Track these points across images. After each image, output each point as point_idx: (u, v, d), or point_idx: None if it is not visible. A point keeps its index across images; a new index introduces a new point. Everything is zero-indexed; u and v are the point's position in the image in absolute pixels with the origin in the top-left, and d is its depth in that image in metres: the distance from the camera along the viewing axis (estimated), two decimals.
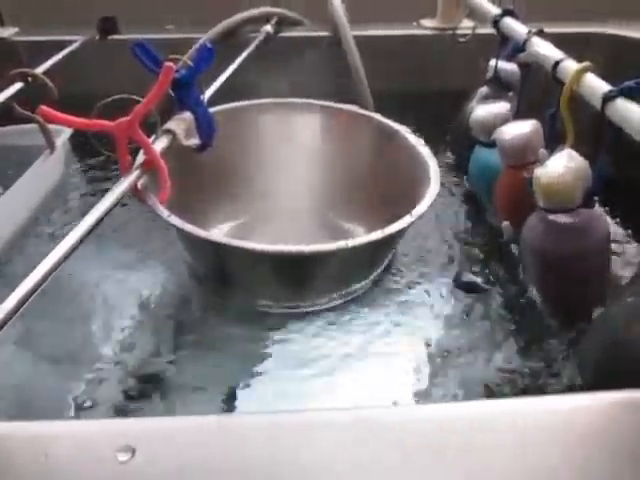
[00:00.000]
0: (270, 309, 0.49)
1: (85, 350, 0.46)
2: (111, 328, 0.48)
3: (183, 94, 0.49)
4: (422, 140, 0.55)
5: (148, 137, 0.44)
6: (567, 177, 0.42)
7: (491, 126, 0.56)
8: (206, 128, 0.51)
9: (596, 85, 0.42)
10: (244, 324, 0.48)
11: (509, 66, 0.62)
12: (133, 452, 0.24)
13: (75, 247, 0.34)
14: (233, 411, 0.41)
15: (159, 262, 0.55)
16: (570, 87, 0.44)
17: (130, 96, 0.42)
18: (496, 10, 0.62)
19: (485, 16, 0.64)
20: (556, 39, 0.52)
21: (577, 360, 0.43)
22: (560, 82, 0.47)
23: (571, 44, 0.50)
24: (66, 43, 0.70)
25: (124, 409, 0.41)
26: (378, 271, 0.52)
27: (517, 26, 0.56)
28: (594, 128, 0.42)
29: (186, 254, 0.53)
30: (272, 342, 0.47)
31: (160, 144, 0.45)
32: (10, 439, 0.25)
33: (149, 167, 0.44)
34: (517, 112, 0.57)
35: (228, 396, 0.42)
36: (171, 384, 0.43)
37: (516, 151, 0.52)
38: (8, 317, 0.28)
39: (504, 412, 0.27)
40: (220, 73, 0.62)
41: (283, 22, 0.81)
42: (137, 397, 0.42)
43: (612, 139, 0.41)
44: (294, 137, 0.61)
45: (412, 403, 0.41)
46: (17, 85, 0.56)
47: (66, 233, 0.34)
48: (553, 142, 0.50)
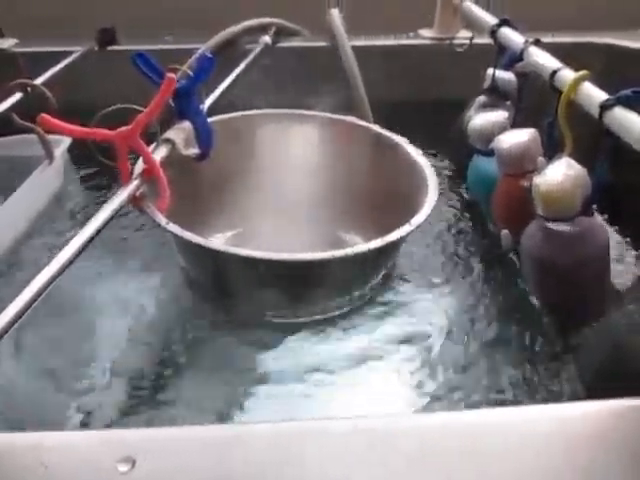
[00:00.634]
0: (269, 319, 0.49)
1: (81, 361, 0.46)
2: (108, 338, 0.48)
3: (183, 104, 0.49)
4: (420, 150, 0.55)
5: (148, 146, 0.44)
6: (566, 185, 0.42)
7: (489, 135, 0.56)
8: (205, 138, 0.51)
9: (593, 94, 0.42)
10: (243, 333, 0.48)
11: (506, 75, 0.63)
12: (133, 463, 0.24)
13: (74, 258, 0.34)
14: (233, 421, 0.41)
15: (156, 271, 0.55)
16: (567, 96, 0.45)
17: (131, 106, 0.42)
18: (493, 20, 0.63)
19: (482, 26, 0.65)
20: (553, 49, 0.52)
21: (578, 366, 0.43)
22: (558, 91, 0.47)
23: (568, 54, 0.50)
24: (65, 54, 0.70)
25: (122, 419, 0.41)
26: (377, 280, 0.52)
27: (514, 36, 0.57)
28: (592, 136, 0.42)
29: (184, 263, 0.53)
30: (272, 352, 0.46)
31: (160, 153, 0.45)
32: (9, 450, 0.24)
33: (148, 176, 0.44)
34: (515, 121, 0.58)
35: (228, 406, 0.42)
36: (170, 394, 0.43)
37: (514, 160, 0.52)
38: (6, 329, 0.28)
39: (504, 420, 0.27)
40: (219, 83, 0.62)
41: (281, 32, 0.81)
42: (136, 407, 0.42)
43: (610, 147, 0.41)
44: (292, 147, 0.61)
45: (413, 412, 0.41)
46: (16, 96, 0.56)
47: (65, 243, 0.34)
48: (551, 150, 0.50)
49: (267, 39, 0.77)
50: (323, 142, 0.61)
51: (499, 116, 0.58)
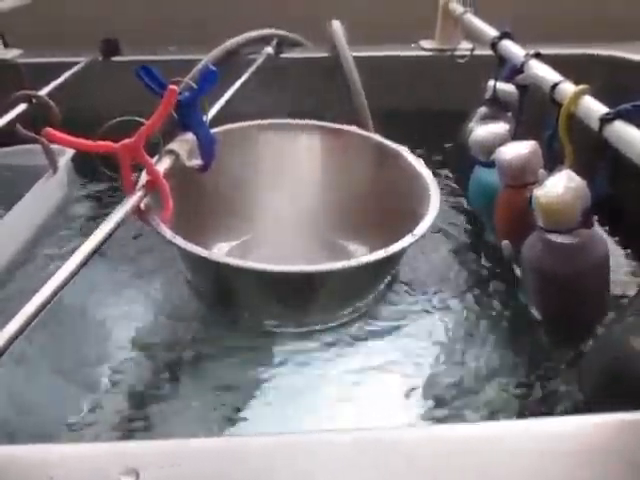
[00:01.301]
0: (273, 329, 0.49)
1: (83, 370, 0.46)
2: (111, 348, 0.48)
3: (186, 115, 0.50)
4: (422, 160, 0.56)
5: (151, 158, 0.45)
6: (566, 197, 0.43)
7: (490, 146, 0.56)
8: (208, 149, 0.52)
9: (593, 107, 0.43)
10: (247, 344, 0.48)
11: (507, 87, 0.63)
12: (137, 475, 0.24)
13: (78, 269, 0.34)
14: (236, 432, 0.41)
15: (160, 281, 0.55)
16: (568, 109, 0.45)
17: (134, 118, 0.43)
18: (494, 32, 0.63)
19: (483, 38, 0.65)
20: (553, 61, 0.53)
21: (578, 377, 0.43)
22: (558, 104, 0.48)
23: (568, 66, 0.51)
24: (69, 65, 0.71)
25: (124, 430, 0.41)
26: (380, 290, 0.53)
27: (515, 48, 0.57)
28: (592, 148, 0.43)
29: (188, 273, 0.53)
30: (275, 362, 0.47)
31: (163, 165, 0.46)
32: (15, 462, 0.24)
33: (152, 187, 0.44)
34: (516, 133, 0.58)
35: (231, 417, 0.42)
36: (172, 404, 0.43)
37: (515, 171, 0.52)
38: (10, 341, 0.28)
39: (501, 434, 0.27)
40: (221, 93, 0.62)
41: (284, 43, 0.82)
42: (137, 418, 0.42)
43: (610, 159, 0.42)
44: (295, 157, 0.61)
45: (416, 423, 0.41)
46: (21, 106, 0.57)
47: (68, 253, 0.35)
48: (552, 163, 0.50)
49: (269, 50, 0.78)
50: (325, 152, 0.61)
51: (500, 128, 0.58)
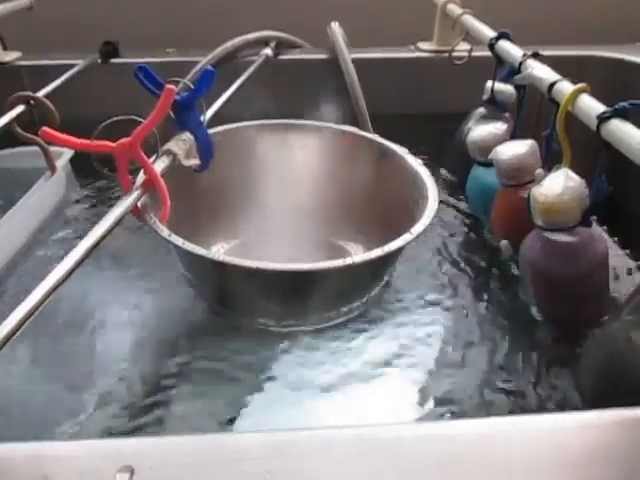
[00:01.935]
0: (270, 328, 0.49)
1: (82, 371, 0.46)
2: (110, 347, 0.48)
3: (183, 116, 0.50)
4: (420, 160, 0.56)
5: (148, 157, 0.45)
6: (564, 196, 0.43)
7: (488, 146, 0.56)
8: (206, 149, 0.52)
9: (591, 106, 0.43)
10: (244, 343, 0.48)
11: (505, 87, 0.63)
12: (132, 472, 0.24)
13: (75, 268, 0.34)
14: (233, 430, 0.41)
15: (158, 281, 0.55)
16: (565, 107, 0.45)
17: (132, 117, 0.43)
18: (492, 33, 0.63)
19: (481, 39, 0.66)
20: (551, 62, 0.53)
21: (576, 377, 0.43)
22: (556, 103, 0.48)
23: (566, 67, 0.51)
24: (68, 67, 0.71)
25: (122, 430, 0.41)
26: (377, 289, 0.52)
27: (512, 49, 0.58)
28: (590, 147, 0.43)
29: (186, 273, 0.53)
30: (271, 361, 0.46)
31: (160, 164, 0.46)
32: (9, 460, 0.24)
33: (149, 187, 0.44)
34: (514, 132, 0.58)
35: (228, 415, 0.42)
36: (170, 404, 0.43)
37: (513, 171, 0.52)
38: (6, 339, 0.28)
39: (502, 430, 0.27)
40: (220, 94, 0.62)
41: (282, 45, 0.82)
42: (136, 417, 0.42)
43: (609, 158, 0.42)
44: (293, 157, 0.61)
45: (412, 421, 0.41)
46: (19, 108, 0.57)
47: (65, 255, 0.35)
48: (550, 162, 0.50)
49: (268, 51, 0.78)
50: (324, 152, 0.61)
51: (498, 128, 0.59)
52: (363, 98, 0.71)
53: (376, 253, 0.43)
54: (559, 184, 0.43)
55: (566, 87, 0.46)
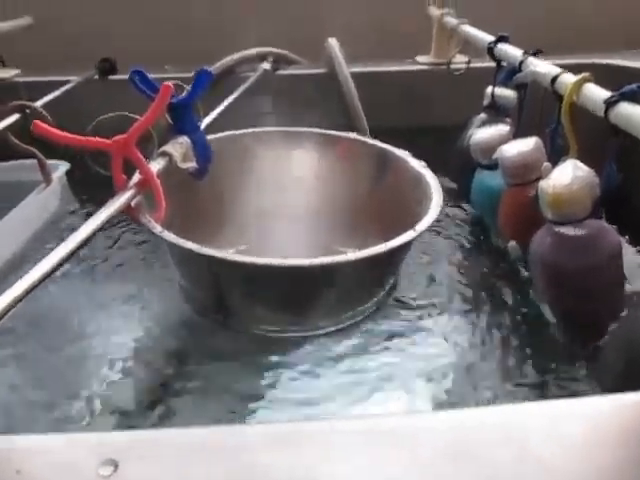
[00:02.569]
0: (270, 334, 0.47)
1: (78, 381, 0.44)
2: (107, 357, 0.46)
3: (180, 119, 0.49)
4: (423, 162, 0.55)
5: (145, 158, 0.43)
6: (574, 186, 0.41)
7: (492, 147, 0.55)
8: (203, 153, 0.50)
9: (596, 92, 0.42)
10: (242, 351, 0.46)
11: (505, 92, 0.62)
12: (116, 466, 0.22)
13: (66, 259, 0.32)
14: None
15: (155, 292, 0.53)
16: (570, 97, 0.44)
17: (128, 114, 0.42)
18: (490, 38, 0.63)
19: (480, 45, 0.65)
20: None
21: (595, 376, 0.40)
22: (559, 96, 0.47)
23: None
24: (65, 83, 0.71)
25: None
26: (381, 294, 0.50)
27: (512, 49, 0.57)
28: (598, 139, 0.42)
29: (181, 278, 0.51)
30: (271, 368, 0.44)
31: (156, 165, 0.45)
32: None
33: (144, 187, 0.43)
34: (516, 134, 0.57)
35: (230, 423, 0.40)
36: (168, 413, 0.40)
37: (518, 169, 0.51)
38: None
39: (514, 419, 0.25)
40: (216, 106, 0.62)
41: (280, 61, 0.82)
42: (133, 426, 0.40)
43: (618, 147, 0.40)
44: (295, 165, 0.60)
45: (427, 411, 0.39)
46: (14, 116, 0.56)
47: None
48: (556, 158, 0.49)
49: (266, 66, 0.78)
50: (325, 158, 0.60)
51: (501, 129, 0.57)
52: (361, 107, 0.71)
53: (379, 249, 0.41)
54: (567, 174, 0.42)
55: (569, 78, 0.45)
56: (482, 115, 0.66)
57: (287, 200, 0.59)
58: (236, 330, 0.48)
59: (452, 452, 0.23)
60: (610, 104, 0.39)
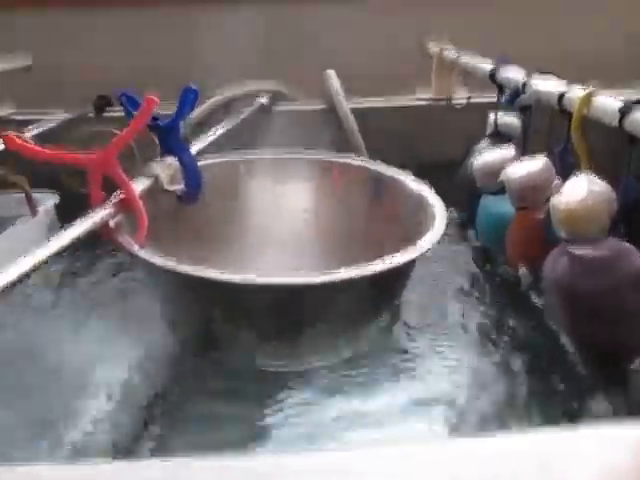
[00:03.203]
0: (262, 367, 0.43)
1: (62, 419, 0.40)
2: (92, 398, 0.42)
3: (167, 141, 0.47)
4: (424, 183, 0.52)
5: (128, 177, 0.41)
6: (588, 202, 0.38)
7: (495, 171, 0.52)
8: (192, 177, 0.48)
9: (609, 102, 0.39)
10: (236, 386, 0.42)
11: (508, 119, 0.60)
12: None
13: (17, 280, 0.29)
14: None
15: (142, 329, 0.49)
16: (580, 111, 0.41)
17: (107, 129, 0.39)
18: (490, 66, 0.61)
19: (480, 73, 0.64)
20: None
21: (620, 402, 0.36)
22: (568, 113, 0.44)
23: None
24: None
25: None
26: (383, 323, 0.46)
27: (514, 70, 0.55)
28: (607, 159, 0.39)
29: (167, 313, 0.48)
30: (267, 405, 0.40)
31: (140, 185, 0.42)
32: None
33: (125, 207, 0.40)
34: (523, 155, 0.54)
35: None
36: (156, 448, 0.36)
37: (527, 190, 0.48)
38: None
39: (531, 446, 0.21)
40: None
41: (277, 97, 0.81)
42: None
43: (634, 157, 0.37)
44: (291, 188, 0.58)
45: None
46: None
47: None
48: (566, 178, 0.46)
49: (263, 100, 0.77)
50: (323, 181, 0.58)
51: (505, 152, 0.55)
52: (362, 142, 0.70)
53: (377, 267, 0.37)
54: (582, 189, 0.38)
55: (577, 93, 0.43)
56: (484, 143, 0.63)
57: (284, 226, 0.56)
58: (225, 364, 0.44)
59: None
60: (625, 112, 0.36)
